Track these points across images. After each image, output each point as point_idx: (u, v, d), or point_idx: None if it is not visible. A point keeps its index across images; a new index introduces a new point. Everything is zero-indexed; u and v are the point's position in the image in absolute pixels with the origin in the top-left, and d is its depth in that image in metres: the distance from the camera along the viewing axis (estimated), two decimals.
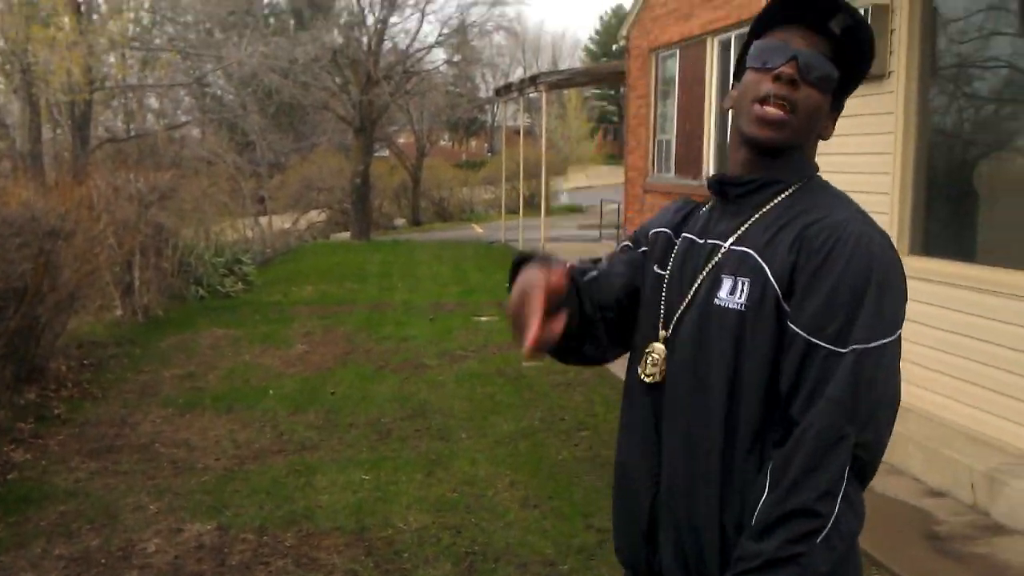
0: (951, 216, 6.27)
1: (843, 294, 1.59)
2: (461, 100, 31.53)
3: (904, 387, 1.66)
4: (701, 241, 1.82)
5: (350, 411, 7.48)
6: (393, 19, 24.04)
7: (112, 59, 14.62)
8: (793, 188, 1.77)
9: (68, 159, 13.15)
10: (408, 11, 24.34)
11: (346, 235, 25.75)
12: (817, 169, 1.82)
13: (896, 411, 1.64)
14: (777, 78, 1.70)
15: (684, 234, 1.87)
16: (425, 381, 8.45)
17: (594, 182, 45.87)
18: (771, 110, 1.70)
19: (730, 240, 1.75)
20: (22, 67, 12.05)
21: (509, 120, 33.23)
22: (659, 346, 1.80)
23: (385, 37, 23.94)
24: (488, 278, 15.59)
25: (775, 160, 1.76)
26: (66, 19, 12.12)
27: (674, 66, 14.76)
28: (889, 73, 6.29)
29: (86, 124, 13.36)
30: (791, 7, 1.75)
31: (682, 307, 1.78)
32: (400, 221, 32.41)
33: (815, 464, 1.54)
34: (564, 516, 5.25)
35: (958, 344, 5.75)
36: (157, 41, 17.89)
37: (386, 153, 36.18)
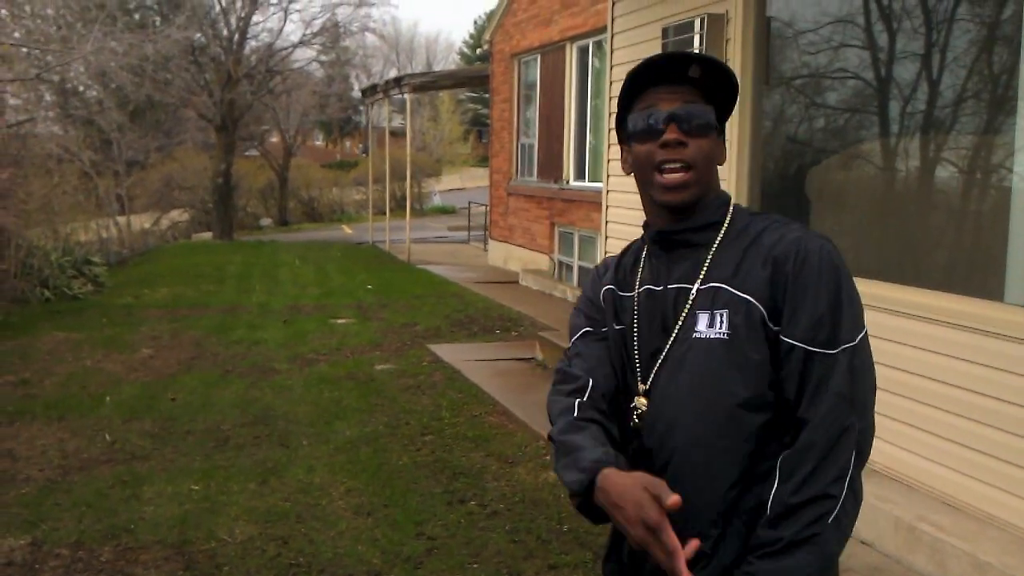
0: None
1: (825, 304, 1.79)
2: (330, 100, 31.14)
3: None
4: (660, 288, 1.93)
5: (189, 418, 7.27)
6: (256, 17, 23.62)
7: None
8: (727, 221, 1.91)
9: None
10: (271, 9, 23.86)
11: (209, 235, 25.15)
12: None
13: (875, 395, 1.85)
14: (664, 145, 1.86)
15: (642, 287, 1.97)
16: (272, 386, 8.28)
17: (467, 184, 46.02)
18: (672, 177, 1.86)
19: (697, 281, 1.88)
20: None
21: (382, 121, 33.01)
22: (640, 400, 1.91)
23: (248, 35, 23.46)
24: (350, 280, 15.43)
25: (695, 209, 1.90)
26: None
27: (536, 71, 14.89)
28: None
29: None
30: (648, 74, 1.90)
31: (661, 357, 1.89)
32: (267, 221, 31.82)
33: (827, 453, 1.73)
34: (396, 524, 5.19)
35: None
36: (16, 35, 17.13)
37: (256, 152, 35.51)
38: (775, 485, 1.74)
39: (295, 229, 30.58)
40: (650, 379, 1.89)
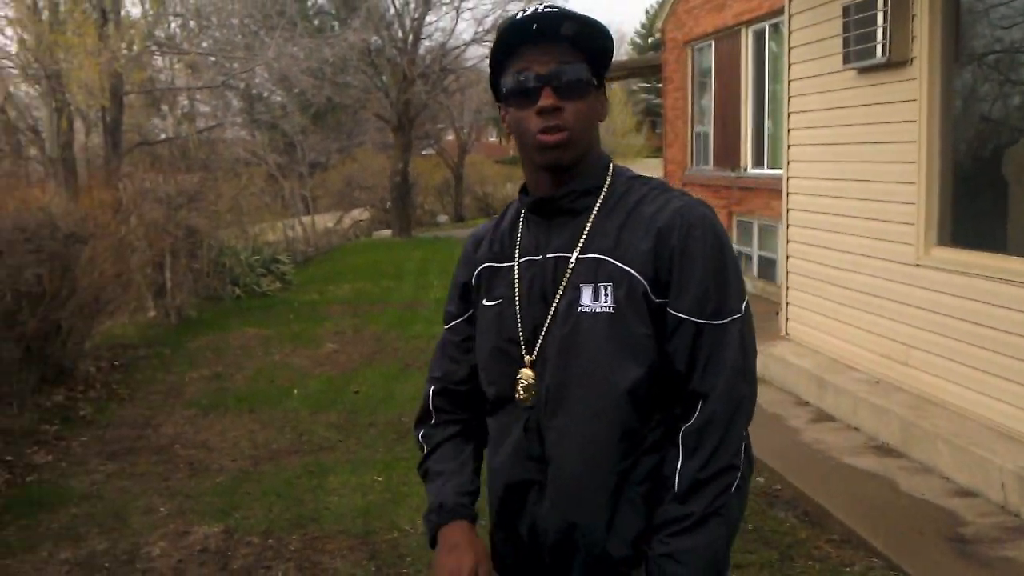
0: (979, 206, 6.04)
1: (711, 275, 1.78)
2: None
3: (930, 380, 1.67)
4: (540, 257, 1.89)
5: (371, 411, 7.43)
6: (429, 17, 23.98)
7: (144, 64, 14.74)
8: (606, 186, 1.89)
9: (100, 164, 13.26)
10: (444, 9, 24.18)
11: (388, 233, 25.79)
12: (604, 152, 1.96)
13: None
14: (540, 112, 1.81)
15: (522, 257, 1.93)
16: None
17: (641, 175, 45.59)
18: (550, 138, 1.81)
19: (575, 251, 1.84)
20: (47, 73, 12.17)
21: None
22: (527, 372, 1.88)
23: (422, 36, 23.89)
24: None
25: (576, 168, 1.87)
26: (89, 26, 12.19)
27: (710, 57, 14.57)
28: (912, 59, 6.08)
29: (117, 128, 13.47)
30: (518, 34, 1.83)
31: (546, 325, 1.86)
32: (443, 218, 32.39)
33: (729, 426, 1.76)
34: None
35: (987, 338, 5.53)
36: (204, 44, 18.01)
37: (432, 151, 36.21)
38: (679, 460, 1.76)
39: (471, 224, 30.96)
40: (535, 351, 1.87)
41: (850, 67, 6.71)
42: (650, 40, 48.36)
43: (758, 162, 12.92)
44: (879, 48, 6.25)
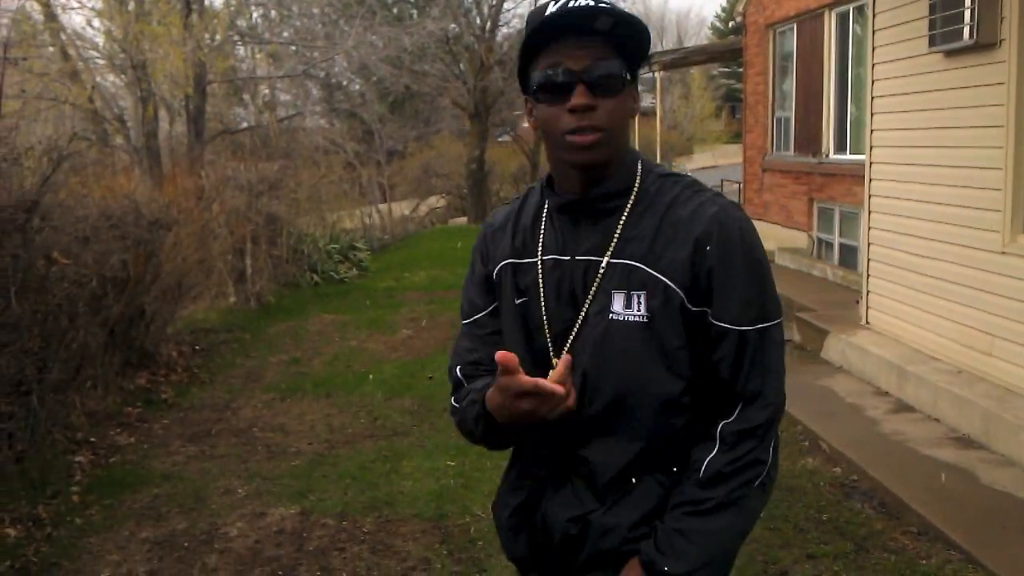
0: None
1: (751, 284, 1.76)
2: None
3: (1014, 371, 1.65)
4: (568, 259, 1.84)
5: (445, 397, 7.41)
6: (507, 4, 24.01)
7: (227, 53, 15.00)
8: (636, 186, 1.83)
9: (183, 152, 13.55)
10: None
11: (464, 220, 25.91)
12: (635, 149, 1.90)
13: None
14: (573, 110, 1.73)
15: (547, 255, 1.87)
16: None
17: (720, 161, 45.03)
18: (582, 139, 1.74)
19: (607, 255, 1.80)
20: (133, 63, 12.45)
21: None
22: (563, 359, 1.82)
23: (499, 23, 23.93)
24: None
25: (607, 169, 1.81)
26: (174, 16, 12.45)
27: (792, 41, 14.33)
28: (1000, 41, 5.90)
29: (200, 117, 13.73)
30: (550, 27, 1.74)
31: (575, 329, 1.82)
32: None
33: (768, 429, 1.78)
34: None
35: None
36: (285, 34, 18.28)
37: (508, 138, 36.24)
38: (713, 452, 1.76)
39: None
40: (565, 350, 1.82)
41: (936, 50, 6.54)
42: (730, 24, 47.66)
43: (840, 147, 12.67)
44: (966, 30, 6.07)
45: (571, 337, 1.82)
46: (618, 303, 1.77)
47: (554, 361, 1.82)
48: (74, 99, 13.92)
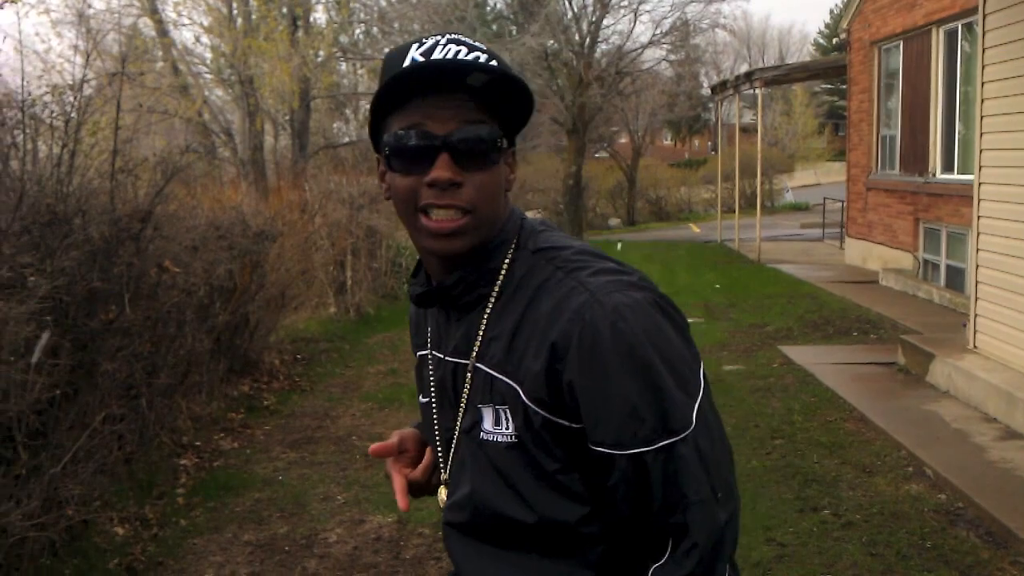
0: None
1: (635, 393, 1.35)
2: (678, 99, 31.14)
3: None
4: (442, 357, 1.57)
5: None
6: (606, 20, 23.96)
7: (331, 69, 15.36)
8: (504, 269, 1.49)
9: (287, 165, 13.89)
10: (622, 12, 24.14)
11: None
12: (515, 211, 1.56)
13: (732, 458, 1.48)
14: (433, 184, 1.41)
15: (431, 352, 1.62)
16: None
17: (822, 179, 44.38)
18: (441, 224, 1.42)
19: (472, 357, 1.50)
20: (240, 78, 12.83)
21: (731, 118, 32.59)
22: (441, 491, 1.64)
23: (599, 39, 23.91)
24: (697, 278, 15.30)
25: (472, 254, 1.49)
26: (282, 31, 12.79)
27: (898, 58, 14.08)
28: None
29: (305, 131, 14.07)
30: (412, 79, 1.40)
31: (452, 447, 1.58)
32: (615, 221, 32.33)
33: (711, 568, 1.39)
34: (744, 528, 4.97)
35: None
36: (386, 50, 18.59)
37: (605, 154, 36.25)
38: None
39: (642, 228, 30.85)
40: (447, 471, 1.60)
41: None
42: (834, 41, 46.96)
43: (947, 167, 12.38)
44: None
45: (451, 452, 1.59)
46: (488, 419, 1.47)
47: (443, 476, 1.62)
48: (184, 113, 14.41)
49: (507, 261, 1.49)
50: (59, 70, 8.05)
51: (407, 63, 1.41)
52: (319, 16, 15.97)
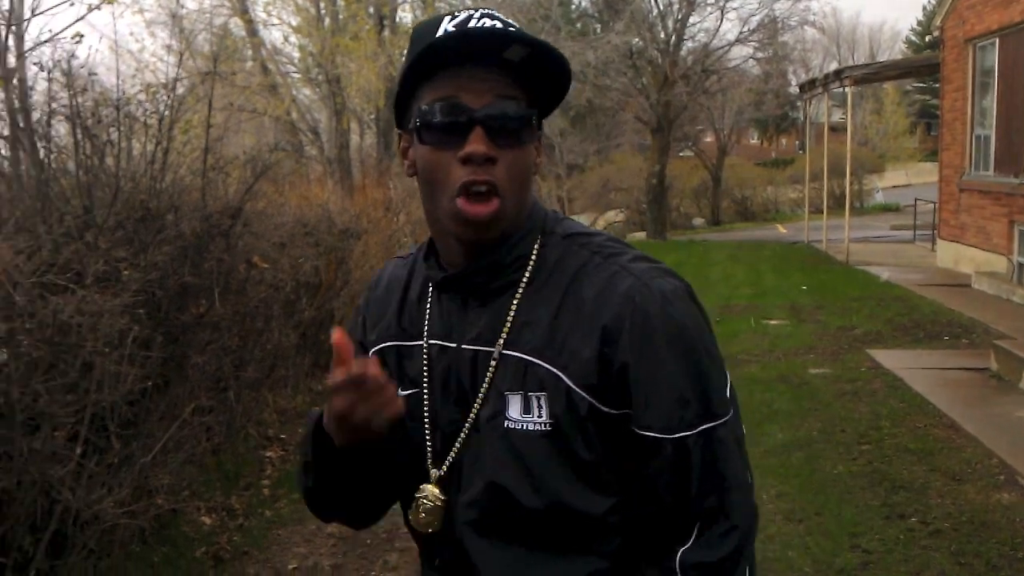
0: None
1: (684, 377, 1.36)
2: (766, 97, 30.72)
3: None
4: (454, 346, 1.47)
5: None
6: (693, 18, 23.79)
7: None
8: (534, 254, 1.45)
9: (372, 163, 14.05)
10: (708, 9, 23.93)
11: (643, 235, 25.81)
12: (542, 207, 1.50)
13: None
14: (467, 160, 1.34)
15: (432, 340, 1.50)
16: None
17: (914, 180, 43.37)
18: (477, 209, 1.35)
19: (498, 344, 1.42)
20: (328, 77, 13.01)
21: (820, 117, 32.04)
22: (431, 489, 1.48)
23: (684, 36, 23.76)
24: (783, 280, 15.09)
25: (500, 243, 1.43)
26: (370, 30, 12.94)
27: (993, 56, 13.70)
28: None
29: (390, 130, 14.22)
30: (446, 50, 1.34)
31: (460, 440, 1.46)
32: (699, 221, 32.06)
33: (738, 560, 1.39)
34: (829, 534, 4.96)
35: None
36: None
37: (690, 152, 35.99)
38: None
39: (727, 228, 30.54)
40: (445, 466, 1.47)
41: None
42: (927, 38, 45.89)
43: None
44: None
45: (456, 444, 1.46)
46: (514, 408, 1.40)
47: (432, 472, 1.49)
48: (272, 111, 14.67)
49: (536, 246, 1.45)
50: (152, 69, 8.26)
51: (441, 33, 1.36)
52: (405, 15, 16.18)
